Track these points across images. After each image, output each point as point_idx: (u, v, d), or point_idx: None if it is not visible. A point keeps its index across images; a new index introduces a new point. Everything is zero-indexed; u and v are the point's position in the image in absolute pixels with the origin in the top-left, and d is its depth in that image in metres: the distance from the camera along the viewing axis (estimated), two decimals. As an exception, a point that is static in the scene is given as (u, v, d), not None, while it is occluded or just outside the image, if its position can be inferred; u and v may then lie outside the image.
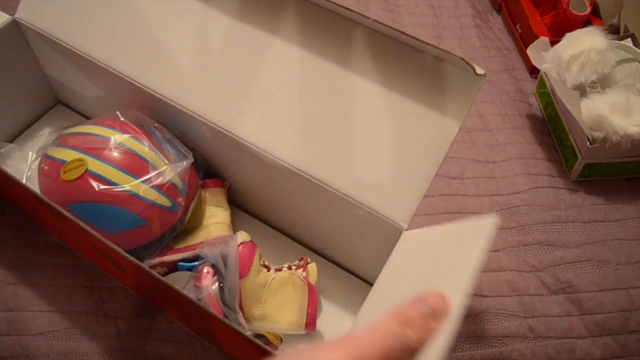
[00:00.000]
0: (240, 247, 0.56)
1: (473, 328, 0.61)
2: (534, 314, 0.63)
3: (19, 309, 0.58)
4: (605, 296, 0.64)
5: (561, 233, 0.69)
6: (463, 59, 0.47)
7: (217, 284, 0.54)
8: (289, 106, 0.56)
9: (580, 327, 0.62)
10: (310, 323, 0.57)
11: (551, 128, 0.80)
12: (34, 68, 0.72)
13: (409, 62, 0.50)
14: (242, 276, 0.55)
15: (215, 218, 0.63)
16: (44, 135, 0.66)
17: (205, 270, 0.55)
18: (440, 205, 0.70)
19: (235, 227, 0.66)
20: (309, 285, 0.58)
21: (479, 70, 0.47)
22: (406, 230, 0.52)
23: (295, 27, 0.54)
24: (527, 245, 0.68)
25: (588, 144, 0.69)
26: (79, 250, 0.62)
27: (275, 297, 0.56)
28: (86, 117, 0.75)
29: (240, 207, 0.69)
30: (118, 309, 0.59)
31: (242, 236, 0.57)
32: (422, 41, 0.48)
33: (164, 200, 0.56)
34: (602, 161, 0.72)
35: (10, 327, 0.57)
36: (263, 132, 0.56)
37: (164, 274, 0.59)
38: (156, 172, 0.56)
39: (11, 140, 0.72)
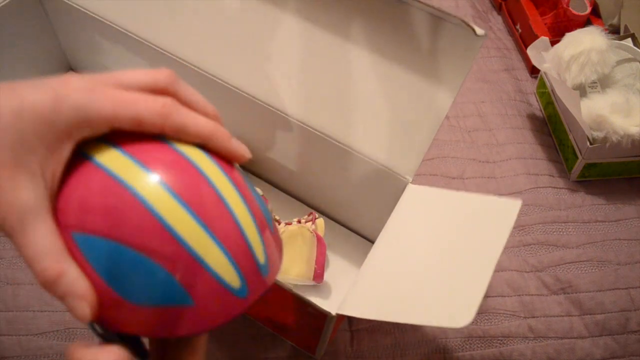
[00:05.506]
0: None
1: (473, 328, 0.61)
2: (534, 314, 0.63)
3: (19, 309, 0.58)
4: (606, 296, 0.64)
5: (561, 233, 0.69)
6: (463, 20, 0.46)
7: None
8: (292, 67, 0.57)
9: (580, 327, 0.62)
10: (318, 275, 0.59)
11: (551, 128, 0.80)
12: (49, 37, 0.73)
13: (405, 22, 0.51)
14: None
15: None
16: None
17: None
18: (440, 205, 0.71)
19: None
20: (318, 238, 0.60)
21: (479, 31, 0.46)
22: (411, 183, 0.54)
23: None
24: (527, 245, 0.68)
25: (588, 144, 0.69)
26: None
27: (286, 249, 0.59)
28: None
29: (246, 169, 0.72)
30: (118, 309, 0.59)
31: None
32: (419, 1, 0.48)
33: (232, 276, 0.31)
34: (602, 161, 0.72)
35: (10, 327, 0.57)
36: (271, 92, 0.58)
37: None
38: (234, 222, 0.32)
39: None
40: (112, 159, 0.30)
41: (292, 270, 0.59)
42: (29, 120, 0.28)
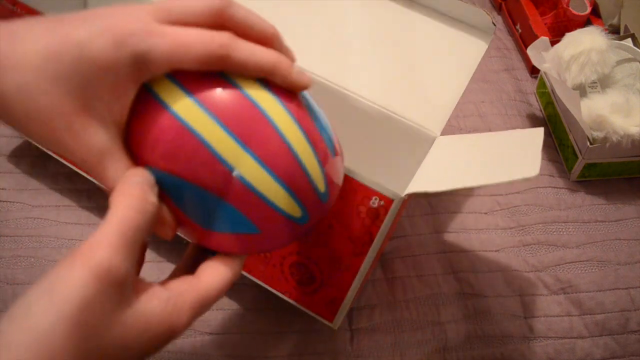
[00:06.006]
0: None
1: (473, 328, 0.61)
2: (534, 314, 0.63)
3: (18, 309, 0.58)
4: (606, 296, 0.64)
5: (561, 233, 0.69)
6: (485, 10, 0.49)
7: None
8: (316, 26, 0.56)
9: (580, 327, 0.62)
10: None
11: (551, 128, 0.80)
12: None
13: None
14: None
15: None
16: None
17: None
18: (440, 204, 0.71)
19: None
20: None
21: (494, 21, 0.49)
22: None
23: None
24: (527, 245, 0.68)
25: (588, 144, 0.70)
26: None
27: None
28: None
29: None
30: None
31: None
32: None
33: (293, 208, 0.34)
34: (602, 161, 0.72)
35: (10, 327, 0.57)
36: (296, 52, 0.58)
37: None
38: (291, 152, 0.33)
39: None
40: (175, 99, 0.31)
41: None
42: (91, 67, 0.29)
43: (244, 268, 0.56)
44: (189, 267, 0.36)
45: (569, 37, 0.74)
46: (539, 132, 0.47)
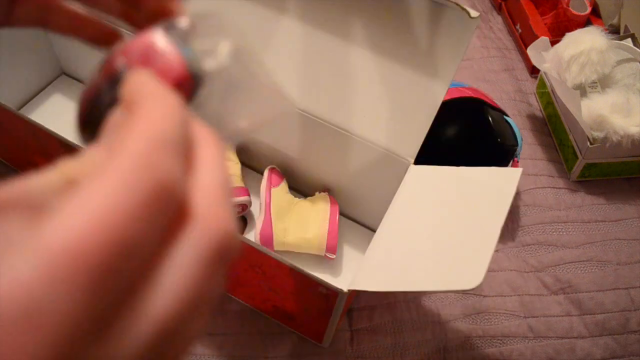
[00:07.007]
0: (269, 170, 0.65)
1: (473, 328, 0.61)
2: (534, 314, 0.63)
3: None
4: (605, 296, 0.64)
5: (561, 233, 0.69)
6: (457, 4, 0.47)
7: None
8: (292, 60, 0.58)
9: (580, 327, 0.62)
10: (332, 237, 0.61)
11: (551, 128, 0.80)
12: (39, 35, 0.73)
13: (402, 7, 0.51)
14: (274, 185, 0.63)
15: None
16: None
17: None
18: (440, 205, 0.71)
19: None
20: (331, 198, 0.63)
21: (473, 14, 0.47)
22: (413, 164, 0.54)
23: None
24: (527, 245, 0.68)
25: (588, 144, 0.69)
26: None
27: (301, 213, 0.62)
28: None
29: (248, 165, 0.72)
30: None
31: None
32: None
33: None
34: (602, 161, 0.72)
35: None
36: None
37: None
38: None
39: (18, 109, 0.74)
40: None
41: (310, 231, 0.61)
42: None
43: (229, 290, 0.59)
44: None
45: (569, 37, 0.74)
46: (515, 173, 0.46)
